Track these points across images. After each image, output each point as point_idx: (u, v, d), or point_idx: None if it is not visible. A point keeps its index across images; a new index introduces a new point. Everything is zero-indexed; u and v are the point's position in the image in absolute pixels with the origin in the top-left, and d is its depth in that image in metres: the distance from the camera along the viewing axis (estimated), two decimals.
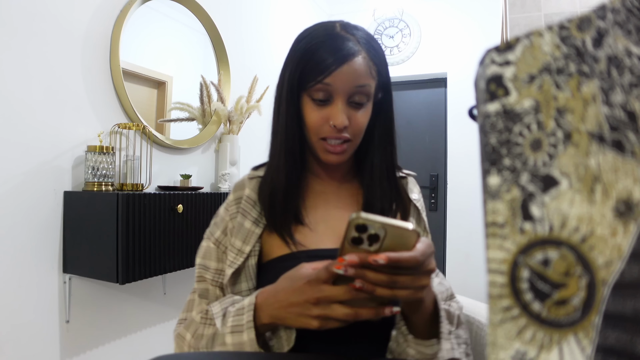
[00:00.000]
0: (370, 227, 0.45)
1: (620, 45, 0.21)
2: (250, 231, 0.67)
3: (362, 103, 0.64)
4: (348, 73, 0.61)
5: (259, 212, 0.69)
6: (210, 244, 0.71)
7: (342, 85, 0.62)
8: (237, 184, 0.74)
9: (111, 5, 1.53)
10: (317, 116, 0.64)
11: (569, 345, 0.21)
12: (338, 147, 0.65)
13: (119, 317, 1.59)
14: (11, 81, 1.23)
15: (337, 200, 0.73)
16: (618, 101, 0.21)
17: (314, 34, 0.65)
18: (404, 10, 3.11)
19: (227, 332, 0.56)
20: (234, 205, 0.71)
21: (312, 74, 0.62)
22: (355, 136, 0.66)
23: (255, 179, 0.73)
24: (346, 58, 0.61)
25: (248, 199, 0.70)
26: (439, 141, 3.10)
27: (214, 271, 0.69)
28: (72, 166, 1.41)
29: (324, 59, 0.61)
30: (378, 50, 0.66)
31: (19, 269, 1.26)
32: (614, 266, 0.20)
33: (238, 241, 0.67)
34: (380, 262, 0.44)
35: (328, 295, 0.48)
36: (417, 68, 3.11)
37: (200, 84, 1.94)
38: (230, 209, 0.71)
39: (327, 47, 0.62)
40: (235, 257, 0.66)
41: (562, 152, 0.22)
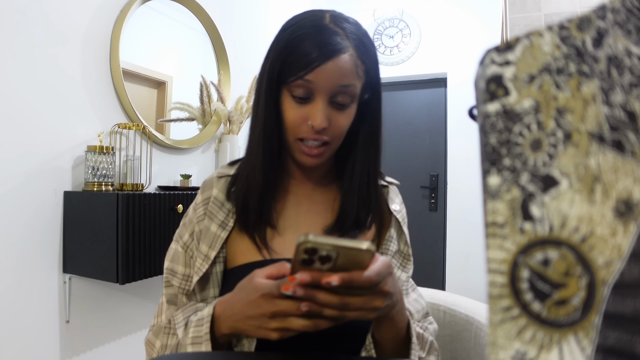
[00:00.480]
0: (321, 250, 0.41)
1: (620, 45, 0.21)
2: (216, 235, 0.63)
3: (345, 104, 0.59)
4: (332, 71, 0.56)
5: (226, 215, 0.64)
6: (179, 247, 0.67)
7: (324, 84, 0.56)
8: (205, 183, 0.69)
9: (111, 5, 1.53)
10: (295, 114, 0.59)
11: (569, 345, 0.21)
12: (315, 149, 0.60)
13: (119, 317, 1.59)
14: (11, 81, 1.23)
15: (310, 205, 0.68)
16: (618, 101, 0.21)
17: (300, 23, 0.60)
18: (404, 10, 3.11)
19: (188, 344, 0.53)
20: (201, 207, 0.66)
21: (293, 68, 0.57)
22: (334, 139, 0.61)
23: (224, 177, 0.68)
24: (331, 54, 0.56)
25: (215, 200, 0.65)
26: (439, 141, 3.10)
27: (181, 277, 0.65)
28: (72, 166, 1.41)
29: (307, 53, 0.56)
30: (369, 48, 0.61)
31: (19, 269, 1.26)
32: (614, 266, 0.20)
33: (204, 246, 0.63)
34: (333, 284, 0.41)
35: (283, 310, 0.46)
36: (417, 68, 3.11)
37: (200, 84, 1.94)
38: (198, 210, 0.66)
39: (312, 39, 0.56)
40: (201, 263, 0.62)
41: (562, 152, 0.22)
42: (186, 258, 0.66)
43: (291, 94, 0.59)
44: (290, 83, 0.58)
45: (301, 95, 0.58)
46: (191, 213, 0.68)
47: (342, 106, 0.59)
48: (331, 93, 0.58)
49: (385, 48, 3.19)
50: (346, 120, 0.61)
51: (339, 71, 0.56)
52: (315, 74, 0.56)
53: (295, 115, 0.59)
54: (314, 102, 0.58)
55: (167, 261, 0.67)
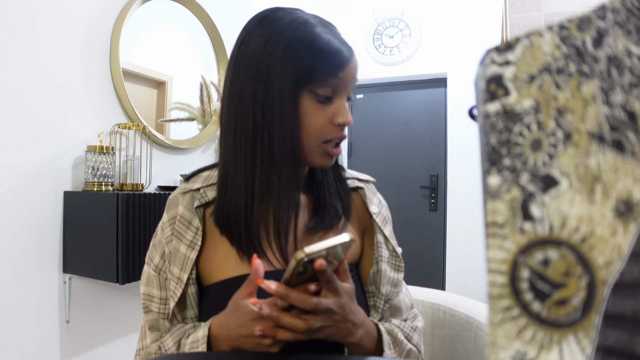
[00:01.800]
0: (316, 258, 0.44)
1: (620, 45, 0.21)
2: (186, 257, 0.60)
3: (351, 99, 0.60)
4: (354, 68, 0.57)
5: (194, 234, 0.60)
6: (151, 270, 0.64)
7: (350, 80, 0.56)
8: (170, 201, 0.64)
9: (111, 5, 1.53)
10: (320, 116, 0.56)
11: (569, 345, 0.21)
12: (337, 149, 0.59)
13: (119, 317, 1.59)
14: (11, 81, 1.23)
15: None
16: (618, 101, 0.21)
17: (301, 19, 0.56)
18: (404, 10, 3.12)
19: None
20: (168, 227, 0.62)
21: (325, 65, 0.54)
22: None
23: (188, 193, 0.63)
24: (352, 53, 0.56)
25: (182, 218, 0.61)
26: (439, 141, 3.10)
27: (159, 301, 0.63)
28: (72, 166, 1.41)
29: (339, 50, 0.54)
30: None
31: (19, 269, 1.26)
32: (614, 266, 0.20)
33: (176, 268, 0.60)
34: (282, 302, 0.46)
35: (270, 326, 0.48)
36: (417, 68, 3.11)
37: (200, 84, 1.94)
38: (165, 230, 0.62)
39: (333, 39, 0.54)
40: (175, 286, 0.60)
41: (562, 152, 0.22)
42: (160, 281, 0.63)
43: (315, 94, 0.55)
44: (319, 82, 0.54)
45: (328, 94, 0.55)
46: (159, 234, 0.64)
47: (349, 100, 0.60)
48: (349, 89, 0.58)
49: (385, 48, 3.19)
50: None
51: (356, 67, 0.57)
52: (346, 71, 0.55)
53: (321, 118, 0.56)
54: (337, 100, 0.56)
55: (142, 285, 0.65)
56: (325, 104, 0.56)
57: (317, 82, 0.54)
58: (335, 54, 0.54)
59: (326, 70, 0.54)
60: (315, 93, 0.55)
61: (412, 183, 3.16)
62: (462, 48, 2.95)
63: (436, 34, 3.06)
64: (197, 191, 0.63)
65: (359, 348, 0.55)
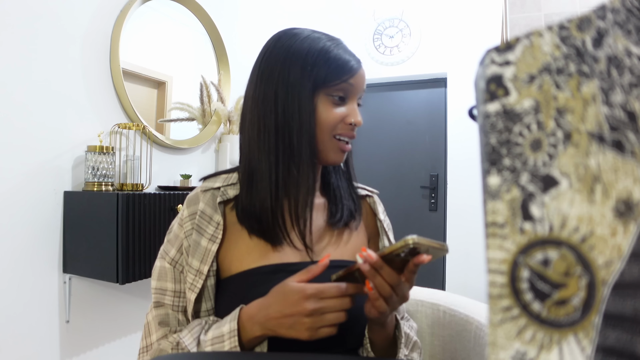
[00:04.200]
0: (419, 248, 0.48)
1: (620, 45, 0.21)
2: (207, 250, 0.64)
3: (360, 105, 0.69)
4: (363, 77, 0.67)
5: (215, 228, 0.65)
6: (166, 264, 0.67)
7: (359, 86, 0.67)
8: (190, 198, 0.69)
9: (111, 5, 1.53)
10: (334, 114, 0.65)
11: (569, 345, 0.21)
12: (348, 145, 0.67)
13: (119, 317, 1.59)
14: (11, 81, 1.23)
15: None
16: (618, 101, 0.21)
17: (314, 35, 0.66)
18: (404, 10, 3.12)
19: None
20: (188, 222, 0.66)
21: (337, 72, 0.64)
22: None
23: (209, 191, 0.68)
24: (360, 64, 0.67)
25: (203, 214, 0.66)
26: (439, 141, 3.09)
27: (172, 294, 0.66)
28: (72, 166, 1.41)
29: (348, 60, 0.65)
30: None
31: (19, 269, 1.26)
32: (614, 266, 0.20)
33: (195, 261, 0.64)
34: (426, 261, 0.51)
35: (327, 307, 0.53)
36: (417, 68, 3.11)
37: (200, 84, 1.94)
38: (185, 225, 0.66)
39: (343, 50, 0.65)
40: (194, 278, 0.63)
41: (562, 152, 0.22)
42: (175, 274, 0.66)
43: (331, 95, 0.65)
44: (333, 86, 0.64)
45: (341, 96, 0.65)
46: (176, 229, 0.68)
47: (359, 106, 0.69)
48: (359, 95, 0.68)
49: (385, 48, 3.19)
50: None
51: (364, 77, 0.68)
52: (355, 78, 0.65)
53: (334, 115, 0.65)
54: (349, 103, 0.66)
55: (154, 281, 0.67)
56: (339, 105, 0.65)
57: (331, 86, 0.64)
58: (345, 64, 0.64)
59: (339, 77, 0.64)
60: (330, 95, 0.64)
61: (412, 183, 3.15)
62: (462, 48, 2.95)
63: (436, 34, 3.05)
64: (218, 189, 0.69)
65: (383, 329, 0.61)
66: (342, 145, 0.66)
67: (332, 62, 0.64)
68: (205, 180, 0.72)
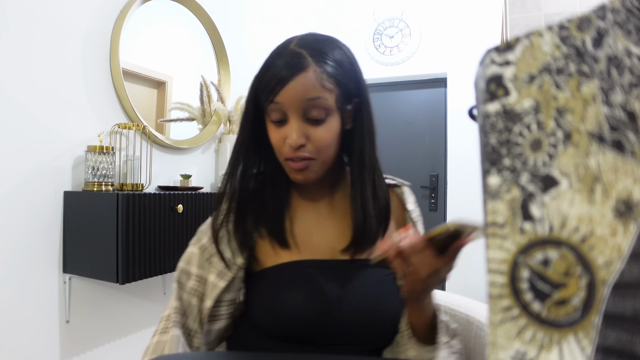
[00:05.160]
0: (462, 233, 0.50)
1: (620, 45, 0.21)
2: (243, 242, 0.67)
3: (321, 118, 0.62)
4: (295, 89, 0.60)
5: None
6: (195, 249, 0.70)
7: (291, 103, 0.60)
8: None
9: (111, 5, 1.53)
10: (276, 137, 0.63)
11: (569, 345, 0.21)
12: (300, 163, 0.63)
13: (119, 317, 1.59)
14: (11, 81, 1.23)
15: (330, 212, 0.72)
16: (618, 101, 0.21)
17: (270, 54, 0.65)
18: (404, 10, 3.12)
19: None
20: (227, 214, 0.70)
21: (264, 94, 0.62)
22: (318, 153, 0.63)
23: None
24: (291, 75, 0.60)
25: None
26: (439, 141, 3.09)
27: (195, 278, 0.68)
28: (72, 166, 1.41)
29: (271, 79, 0.61)
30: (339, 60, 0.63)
31: (19, 269, 1.26)
32: (614, 266, 0.20)
33: (228, 251, 0.67)
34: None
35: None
36: (417, 68, 3.10)
37: (200, 84, 1.94)
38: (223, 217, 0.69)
39: (274, 66, 0.62)
40: (224, 267, 0.66)
41: (562, 152, 0.22)
42: (201, 260, 0.69)
43: (270, 119, 0.63)
44: (266, 109, 0.63)
45: (277, 119, 0.62)
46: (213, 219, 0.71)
47: (318, 121, 0.62)
48: (301, 110, 0.61)
49: (385, 48, 3.19)
50: (325, 133, 0.63)
51: (301, 87, 0.60)
52: (281, 95, 0.60)
53: (276, 138, 0.64)
54: (289, 123, 0.62)
55: (181, 262, 0.70)
56: (281, 126, 0.63)
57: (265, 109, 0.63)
58: (269, 82, 0.61)
59: (263, 97, 0.62)
60: (269, 118, 0.64)
61: (412, 183, 3.15)
62: (462, 48, 2.95)
63: (436, 34, 3.05)
64: None
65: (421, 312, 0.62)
66: (292, 165, 0.64)
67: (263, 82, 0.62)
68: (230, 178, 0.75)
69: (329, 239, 0.69)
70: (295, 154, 0.62)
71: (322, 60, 0.61)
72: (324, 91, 0.61)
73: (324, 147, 0.63)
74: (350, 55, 0.66)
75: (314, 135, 0.62)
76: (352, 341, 0.64)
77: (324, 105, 0.61)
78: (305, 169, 0.64)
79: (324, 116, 0.62)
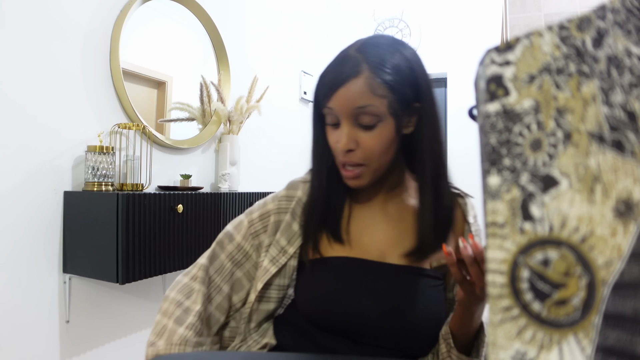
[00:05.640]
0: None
1: (620, 45, 0.21)
2: (296, 234, 0.71)
3: (371, 124, 0.62)
4: (345, 96, 0.61)
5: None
6: (246, 220, 0.75)
7: (342, 108, 0.62)
8: (293, 183, 0.76)
9: (111, 5, 1.53)
10: (332, 139, 0.66)
11: (569, 345, 0.21)
12: (350, 171, 0.65)
13: (119, 317, 1.59)
14: (11, 81, 1.23)
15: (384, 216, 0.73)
16: (618, 101, 0.21)
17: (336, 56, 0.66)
18: (404, 10, 3.11)
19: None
20: (285, 201, 0.74)
21: (320, 98, 0.64)
22: (368, 159, 0.64)
23: (308, 183, 0.74)
24: (341, 81, 0.61)
25: (299, 201, 0.73)
26: None
27: (236, 245, 0.74)
28: (72, 166, 1.41)
29: (326, 83, 0.63)
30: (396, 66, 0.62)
31: (19, 269, 1.26)
32: (614, 266, 0.20)
33: (283, 239, 0.71)
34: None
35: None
36: None
37: (200, 84, 1.94)
38: (281, 203, 0.74)
39: (331, 70, 0.63)
40: (277, 254, 0.71)
41: (562, 152, 0.22)
42: (247, 232, 0.74)
43: (326, 121, 0.66)
44: (324, 113, 0.65)
45: (332, 122, 0.65)
46: (270, 202, 0.75)
47: (369, 127, 0.62)
48: (352, 116, 0.62)
49: None
50: (375, 140, 0.63)
51: (351, 95, 0.61)
52: (333, 101, 0.62)
53: (331, 140, 0.66)
54: (341, 127, 0.64)
55: (229, 225, 0.76)
56: (335, 128, 0.65)
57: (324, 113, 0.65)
58: (322, 87, 0.64)
59: (318, 102, 0.65)
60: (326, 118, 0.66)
61: None
62: (462, 48, 2.95)
63: (436, 34, 3.05)
64: None
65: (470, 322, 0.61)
66: (344, 172, 0.66)
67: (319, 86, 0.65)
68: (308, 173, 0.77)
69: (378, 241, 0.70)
70: (346, 158, 0.64)
71: (377, 66, 0.61)
72: (375, 98, 0.60)
73: (374, 154, 0.64)
74: (411, 60, 0.65)
75: (363, 141, 0.63)
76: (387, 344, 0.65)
77: (375, 112, 0.61)
78: (357, 177, 0.66)
79: (374, 122, 0.62)
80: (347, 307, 0.65)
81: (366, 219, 0.72)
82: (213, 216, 1.61)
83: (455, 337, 0.63)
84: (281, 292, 0.72)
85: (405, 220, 0.72)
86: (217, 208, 1.64)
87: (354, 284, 0.66)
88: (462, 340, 0.64)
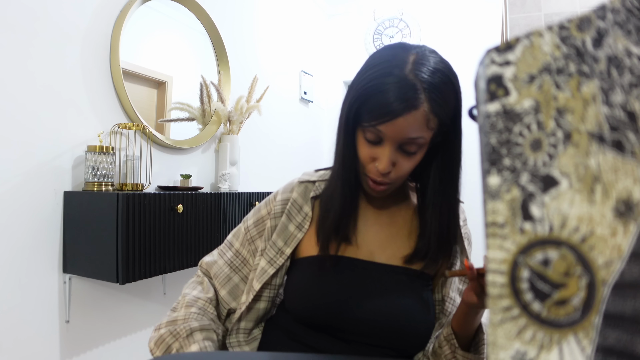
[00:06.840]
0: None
1: (620, 45, 0.21)
2: (292, 235, 0.72)
3: (413, 152, 0.63)
4: (402, 126, 0.59)
5: (303, 218, 0.73)
6: (242, 227, 0.78)
7: (393, 135, 0.60)
8: (288, 186, 0.78)
9: (111, 5, 1.53)
10: (366, 153, 0.64)
11: (569, 345, 0.21)
12: (377, 186, 0.66)
13: (119, 317, 1.59)
14: (11, 81, 1.23)
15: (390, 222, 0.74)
16: (618, 101, 0.21)
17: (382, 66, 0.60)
18: (404, 10, 3.11)
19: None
20: (279, 205, 0.75)
21: (368, 116, 0.60)
22: (397, 179, 0.65)
23: (304, 184, 0.76)
24: (402, 111, 0.58)
25: (294, 202, 0.74)
26: None
27: (235, 252, 0.77)
28: (72, 166, 1.41)
29: (381, 106, 0.58)
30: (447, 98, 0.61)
31: (19, 269, 1.26)
32: (614, 266, 0.20)
33: (280, 241, 0.73)
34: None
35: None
36: None
37: (200, 84, 1.94)
38: (276, 207, 0.75)
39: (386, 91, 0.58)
40: (275, 255, 0.72)
41: (562, 152, 0.22)
42: (244, 239, 0.77)
43: (364, 135, 0.63)
44: (365, 127, 0.62)
45: (372, 140, 0.63)
46: (264, 206, 0.78)
47: (410, 153, 0.63)
48: (399, 143, 0.61)
49: None
50: (411, 164, 0.64)
51: (408, 127, 0.59)
52: (386, 126, 0.59)
53: (365, 154, 0.64)
54: (383, 147, 0.62)
55: (230, 235, 0.80)
56: (373, 145, 0.63)
57: (365, 127, 0.62)
58: (377, 108, 0.59)
59: (367, 120, 0.61)
60: (363, 134, 0.63)
61: None
62: (462, 48, 2.95)
63: (436, 34, 3.05)
64: (313, 184, 0.76)
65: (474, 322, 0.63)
66: (370, 182, 0.66)
67: (370, 103, 0.60)
68: (305, 173, 0.79)
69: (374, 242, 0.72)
70: (378, 177, 0.64)
71: (434, 99, 0.59)
72: (426, 131, 0.61)
73: (404, 175, 0.66)
74: (457, 89, 0.64)
75: (400, 165, 0.64)
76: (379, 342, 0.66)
77: (422, 142, 0.62)
78: (383, 190, 0.67)
79: (416, 150, 0.63)
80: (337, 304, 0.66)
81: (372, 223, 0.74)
82: (213, 216, 1.61)
83: (457, 336, 0.64)
84: (272, 291, 0.74)
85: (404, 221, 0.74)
86: (217, 208, 1.64)
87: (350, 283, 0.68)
88: (463, 340, 0.64)
